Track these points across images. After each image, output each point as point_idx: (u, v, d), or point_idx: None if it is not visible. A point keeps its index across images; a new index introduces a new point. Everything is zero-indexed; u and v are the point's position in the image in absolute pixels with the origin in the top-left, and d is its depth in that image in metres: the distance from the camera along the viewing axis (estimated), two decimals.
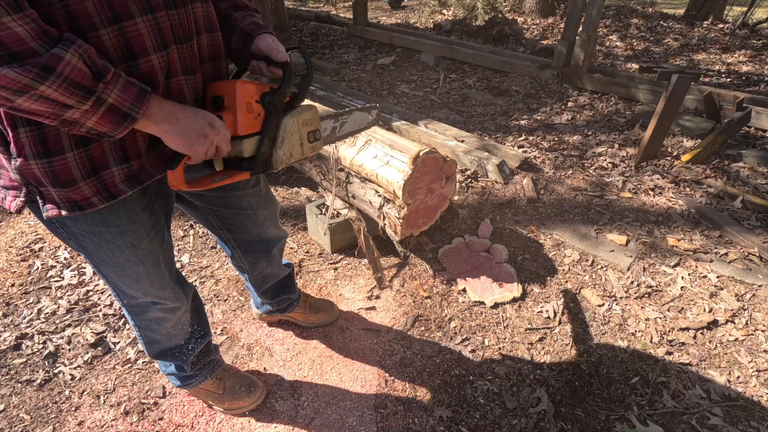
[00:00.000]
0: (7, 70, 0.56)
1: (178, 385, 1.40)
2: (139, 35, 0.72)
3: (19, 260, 2.09)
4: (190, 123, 0.77)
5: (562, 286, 1.98)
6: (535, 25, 6.65)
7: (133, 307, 1.11)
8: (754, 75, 4.64)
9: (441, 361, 1.64)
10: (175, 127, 0.75)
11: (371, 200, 1.98)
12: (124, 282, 1.01)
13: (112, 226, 0.86)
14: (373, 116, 1.41)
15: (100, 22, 0.68)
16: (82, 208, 0.78)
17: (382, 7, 9.22)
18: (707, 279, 2.01)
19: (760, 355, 1.67)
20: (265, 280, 1.48)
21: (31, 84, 0.59)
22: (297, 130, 0.97)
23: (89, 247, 0.90)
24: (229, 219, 1.17)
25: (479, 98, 4.17)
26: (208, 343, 1.37)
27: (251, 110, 0.87)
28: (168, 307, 1.14)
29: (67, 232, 0.88)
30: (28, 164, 0.73)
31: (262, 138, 0.92)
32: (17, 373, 1.58)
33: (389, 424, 1.43)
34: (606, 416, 1.46)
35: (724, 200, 2.54)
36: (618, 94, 4.04)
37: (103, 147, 0.77)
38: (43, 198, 0.77)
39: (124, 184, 0.81)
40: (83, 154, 0.75)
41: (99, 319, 1.79)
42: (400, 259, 2.12)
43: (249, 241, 1.26)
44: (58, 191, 0.76)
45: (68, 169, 0.74)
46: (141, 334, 1.21)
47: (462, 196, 2.61)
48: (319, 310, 1.77)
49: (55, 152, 0.72)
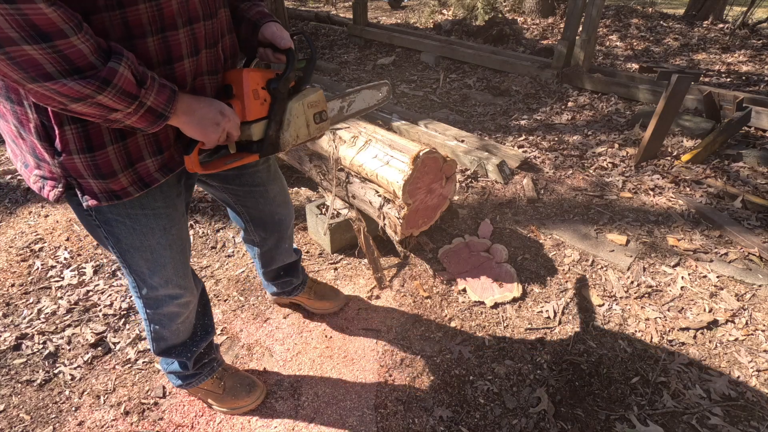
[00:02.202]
0: (73, 83, 0.64)
1: (178, 385, 1.40)
2: (179, 43, 0.80)
3: (19, 260, 2.09)
4: (204, 113, 0.84)
5: (562, 286, 1.98)
6: (535, 25, 6.65)
7: (150, 300, 1.13)
8: (754, 75, 4.64)
9: (441, 361, 1.64)
10: (192, 117, 0.82)
11: (371, 200, 1.98)
12: (151, 268, 1.04)
13: (149, 208, 0.93)
14: (384, 93, 1.43)
15: (149, 31, 0.75)
16: (120, 198, 0.85)
17: (382, 7, 9.22)
18: (707, 279, 2.01)
19: (760, 355, 1.67)
20: (273, 260, 1.52)
21: (91, 94, 0.66)
22: (302, 112, 1.03)
23: (121, 233, 0.95)
24: (243, 196, 1.25)
25: (479, 98, 4.17)
26: (211, 341, 1.39)
27: (258, 97, 0.93)
28: (183, 301, 1.18)
29: (100, 220, 0.92)
30: (71, 159, 0.79)
31: (270, 122, 0.97)
32: (17, 373, 1.58)
33: (389, 424, 1.43)
34: (606, 416, 1.46)
35: (724, 200, 2.54)
36: (618, 94, 4.04)
37: (138, 141, 0.84)
38: (82, 189, 0.83)
39: (157, 173, 0.89)
40: (122, 148, 0.82)
41: (99, 319, 1.79)
42: (400, 259, 2.12)
43: (261, 217, 1.34)
44: (98, 182, 0.82)
45: (109, 162, 0.81)
46: (150, 329, 1.22)
47: (462, 196, 2.61)
48: (323, 297, 1.81)
49: (97, 147, 0.79)
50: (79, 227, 2.32)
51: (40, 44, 0.59)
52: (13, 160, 0.90)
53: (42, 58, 0.60)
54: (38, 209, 2.45)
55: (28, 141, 0.80)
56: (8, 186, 2.65)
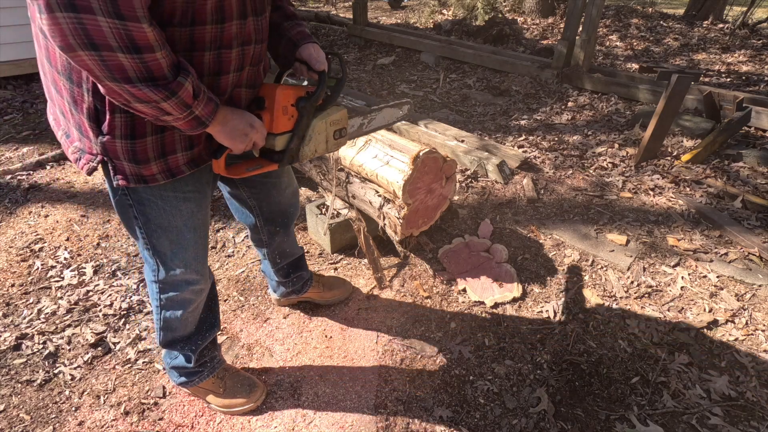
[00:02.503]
0: (146, 89, 0.75)
1: (179, 383, 1.41)
2: (229, 60, 0.92)
3: (19, 260, 2.09)
4: (236, 124, 0.94)
5: (562, 286, 1.98)
6: (535, 25, 6.65)
7: (166, 284, 1.17)
8: (754, 75, 4.64)
9: (441, 361, 1.64)
10: (225, 128, 0.93)
11: (371, 200, 1.98)
12: (173, 249, 1.10)
13: (180, 191, 1.02)
14: (404, 111, 1.50)
15: (209, 48, 0.87)
16: (146, 182, 0.94)
17: (382, 7, 9.22)
18: (707, 279, 2.01)
19: (760, 355, 1.67)
20: (282, 255, 1.55)
21: (158, 100, 0.78)
22: (324, 129, 1.12)
23: (151, 213, 1.02)
24: (257, 189, 1.32)
25: (479, 98, 4.17)
26: (215, 337, 1.41)
27: (286, 112, 1.02)
28: (198, 288, 1.22)
29: (134, 199, 1.01)
30: (113, 142, 0.88)
31: (293, 136, 1.06)
32: (17, 373, 1.58)
33: (389, 424, 1.43)
34: (606, 416, 1.46)
35: (724, 200, 2.54)
36: (618, 94, 4.04)
37: (174, 136, 0.93)
38: (115, 169, 0.92)
39: (185, 166, 0.98)
40: (159, 140, 0.91)
41: (99, 319, 1.79)
42: (400, 259, 2.12)
43: (271, 211, 1.39)
44: (131, 166, 0.91)
45: (145, 151, 0.90)
46: (160, 318, 1.24)
47: (462, 196, 2.61)
48: (333, 287, 1.86)
49: (138, 136, 0.88)
50: (79, 227, 2.32)
51: (132, 54, 0.70)
52: (54, 129, 0.99)
53: (128, 65, 0.71)
54: (38, 209, 2.45)
55: (76, 117, 0.88)
56: (8, 186, 2.65)
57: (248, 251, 2.19)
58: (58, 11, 0.63)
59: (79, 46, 0.67)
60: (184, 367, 1.37)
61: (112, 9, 0.65)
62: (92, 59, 0.69)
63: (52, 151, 2.99)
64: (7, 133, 3.35)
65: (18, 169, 2.80)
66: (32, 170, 2.83)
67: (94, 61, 0.69)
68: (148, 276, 1.19)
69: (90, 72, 0.72)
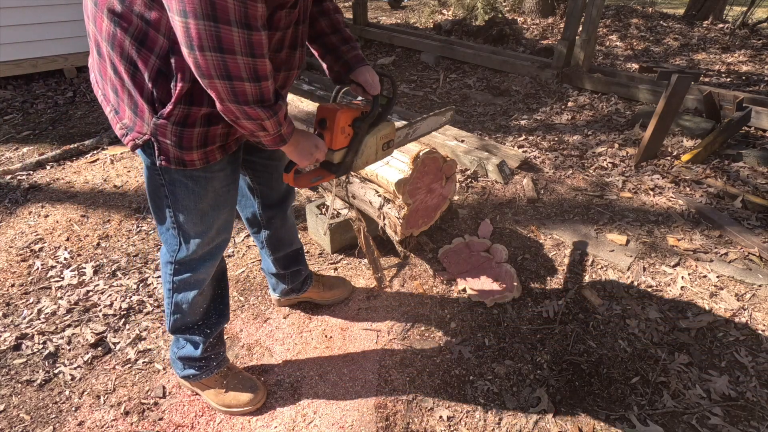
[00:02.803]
0: (259, 109, 0.89)
1: (183, 375, 1.42)
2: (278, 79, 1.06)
3: (19, 260, 2.09)
4: (305, 146, 1.10)
5: (562, 286, 1.98)
6: (535, 25, 6.65)
7: (184, 264, 1.24)
8: (754, 75, 4.64)
9: (441, 361, 1.64)
10: (296, 148, 1.09)
11: (371, 200, 1.98)
12: (199, 225, 1.18)
13: (209, 171, 1.10)
14: (447, 117, 1.63)
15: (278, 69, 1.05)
16: (185, 166, 1.04)
17: (382, 7, 9.22)
18: (707, 279, 2.01)
19: (760, 355, 1.67)
20: (280, 243, 1.57)
21: (263, 118, 0.91)
22: (375, 143, 1.29)
23: (181, 193, 1.11)
24: (261, 170, 1.38)
25: (479, 98, 4.17)
26: (222, 331, 1.43)
27: (344, 132, 1.20)
28: (211, 264, 1.28)
29: (166, 179, 1.09)
30: (165, 125, 0.95)
31: (348, 151, 1.23)
32: (17, 373, 1.58)
33: (389, 424, 1.43)
34: (606, 416, 1.46)
35: (724, 200, 2.55)
36: (618, 94, 4.04)
37: (217, 131, 1.03)
38: (160, 149, 1.00)
39: (218, 154, 1.08)
40: (204, 132, 1.01)
41: (99, 319, 1.79)
42: (400, 259, 2.12)
43: (270, 195, 1.46)
44: (174, 149, 1.00)
45: (191, 139, 0.99)
46: (171, 302, 1.29)
47: (462, 196, 2.61)
48: (333, 286, 1.86)
49: (189, 125, 0.97)
50: (79, 227, 2.32)
51: (254, 83, 0.86)
52: (102, 104, 1.07)
53: (250, 91, 0.86)
54: (38, 209, 2.45)
55: (134, 99, 0.96)
56: (8, 186, 2.65)
57: (248, 251, 2.19)
58: (209, 51, 0.79)
59: (217, 77, 0.82)
60: (191, 357, 1.38)
61: (249, 51, 0.82)
62: (224, 86, 0.84)
63: (52, 151, 2.99)
64: (7, 133, 3.35)
65: (18, 169, 2.80)
66: (32, 170, 2.83)
67: (225, 88, 0.84)
68: (164, 257, 1.25)
69: (215, 94, 0.85)
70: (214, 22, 0.76)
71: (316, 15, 1.19)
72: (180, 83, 0.90)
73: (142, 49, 0.88)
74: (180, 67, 0.89)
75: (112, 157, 3.00)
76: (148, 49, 0.88)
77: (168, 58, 0.89)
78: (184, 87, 0.91)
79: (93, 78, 1.07)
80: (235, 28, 0.78)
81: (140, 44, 0.88)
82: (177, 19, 0.77)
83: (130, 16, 0.87)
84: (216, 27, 0.77)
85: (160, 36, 0.87)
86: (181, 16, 0.76)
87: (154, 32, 0.87)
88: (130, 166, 2.91)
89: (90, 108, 3.84)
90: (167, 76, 0.91)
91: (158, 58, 0.89)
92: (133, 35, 0.87)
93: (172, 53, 0.88)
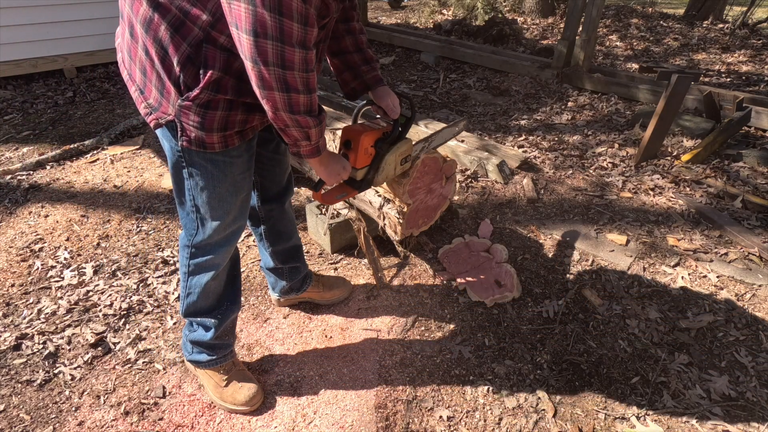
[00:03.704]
0: (308, 117, 1.00)
1: (191, 359, 1.45)
2: None
3: (19, 260, 2.09)
4: (333, 167, 1.23)
5: (562, 286, 1.98)
6: (535, 25, 6.65)
7: (201, 248, 1.29)
8: (754, 75, 4.64)
9: (441, 361, 1.64)
10: (325, 168, 1.21)
11: (371, 200, 1.98)
12: (217, 210, 1.22)
13: (227, 156, 1.15)
14: (460, 128, 1.75)
15: None
16: (205, 149, 1.09)
17: (382, 7, 9.21)
18: (707, 279, 2.01)
19: (760, 355, 1.67)
20: (278, 236, 1.60)
21: (311, 126, 1.01)
22: (394, 160, 1.40)
23: (199, 176, 1.15)
24: (265, 163, 1.43)
25: (479, 98, 4.17)
26: (234, 318, 1.46)
27: (367, 153, 1.33)
28: (227, 250, 1.32)
29: (187, 162, 1.14)
30: (189, 107, 1.01)
31: (370, 169, 1.37)
32: (17, 373, 1.58)
33: (389, 424, 1.43)
34: (606, 416, 1.46)
35: (724, 200, 2.55)
36: (618, 94, 4.04)
37: (237, 117, 1.08)
38: (183, 130, 1.05)
39: (236, 139, 1.13)
40: (225, 116, 1.05)
41: (99, 319, 1.79)
42: (400, 259, 2.12)
43: (270, 188, 1.51)
44: (196, 131, 1.05)
45: (212, 122, 1.04)
46: (186, 285, 1.34)
47: (462, 196, 2.61)
48: (333, 286, 1.87)
49: (212, 108, 1.02)
50: (79, 227, 2.32)
51: (307, 94, 0.96)
52: (128, 83, 1.12)
53: (303, 101, 0.97)
54: (38, 209, 2.45)
55: (163, 81, 1.02)
56: (8, 186, 2.65)
57: (248, 251, 2.19)
58: (273, 67, 0.88)
59: (277, 89, 0.92)
60: (201, 341, 1.41)
61: (306, 66, 0.93)
62: (282, 97, 0.93)
63: (52, 151, 2.99)
64: (7, 133, 3.35)
65: (18, 169, 2.80)
66: (32, 170, 2.83)
67: (283, 98, 0.94)
68: (182, 241, 1.31)
69: (272, 104, 0.94)
70: (281, 43, 0.87)
71: (343, 33, 1.27)
72: (210, 71, 0.96)
73: (176, 35, 0.94)
74: (212, 57, 0.96)
75: (112, 157, 3.00)
76: (182, 36, 0.94)
77: (200, 47, 0.95)
78: (213, 75, 0.97)
79: (120, 57, 1.13)
80: (297, 48, 0.89)
81: (175, 30, 0.94)
82: (245, 36, 0.86)
83: (170, 7, 0.93)
84: (282, 47, 0.87)
85: (196, 28, 0.93)
86: (250, 35, 0.85)
87: (191, 24, 0.93)
88: (130, 166, 2.91)
89: (90, 108, 3.84)
90: (195, 63, 0.97)
91: (190, 46, 0.95)
92: (170, 22, 0.94)
93: (207, 42, 0.94)
